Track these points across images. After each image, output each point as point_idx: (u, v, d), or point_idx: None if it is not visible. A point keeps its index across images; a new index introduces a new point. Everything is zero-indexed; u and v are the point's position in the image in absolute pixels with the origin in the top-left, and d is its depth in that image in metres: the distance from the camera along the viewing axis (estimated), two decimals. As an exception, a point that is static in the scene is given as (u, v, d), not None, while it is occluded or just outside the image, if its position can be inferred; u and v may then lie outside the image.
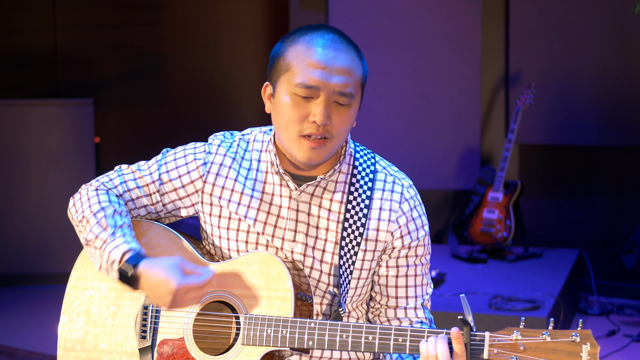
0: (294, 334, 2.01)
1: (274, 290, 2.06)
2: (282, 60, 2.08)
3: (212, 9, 6.69)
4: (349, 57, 2.06)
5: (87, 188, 2.21)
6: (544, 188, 5.96)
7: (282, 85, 2.07)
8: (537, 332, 1.86)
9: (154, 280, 2.01)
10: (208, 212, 2.19)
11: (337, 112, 2.05)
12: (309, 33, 2.08)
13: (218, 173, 2.18)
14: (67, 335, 2.21)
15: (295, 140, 2.06)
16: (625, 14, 5.41)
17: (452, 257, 5.50)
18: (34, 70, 6.60)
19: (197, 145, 2.22)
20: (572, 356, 1.83)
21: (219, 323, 2.10)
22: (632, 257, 4.92)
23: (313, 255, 2.15)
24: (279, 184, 2.16)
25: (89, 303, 2.20)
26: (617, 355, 4.60)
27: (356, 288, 2.18)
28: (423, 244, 2.18)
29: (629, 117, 5.60)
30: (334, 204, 2.15)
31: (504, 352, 1.87)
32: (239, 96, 6.79)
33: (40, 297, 5.81)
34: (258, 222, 2.15)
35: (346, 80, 2.04)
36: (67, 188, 6.08)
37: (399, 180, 2.18)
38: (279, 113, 2.08)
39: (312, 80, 2.02)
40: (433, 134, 6.10)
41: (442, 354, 1.93)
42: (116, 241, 2.07)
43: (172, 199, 2.20)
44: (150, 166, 2.22)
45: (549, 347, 1.84)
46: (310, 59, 2.03)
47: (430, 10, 6.05)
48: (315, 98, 2.04)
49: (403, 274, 2.17)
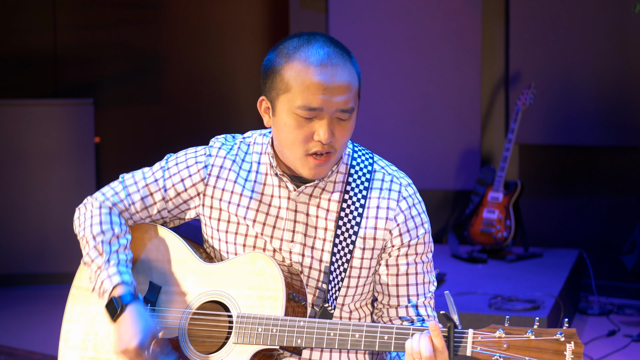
0: (283, 333, 2.02)
1: (266, 290, 2.08)
2: (279, 78, 2.10)
3: (212, 8, 6.69)
4: (346, 72, 2.07)
5: (92, 203, 2.28)
6: (544, 188, 5.96)
7: (282, 105, 2.09)
8: (522, 330, 1.85)
9: (127, 326, 2.09)
10: (208, 215, 2.23)
11: (339, 127, 2.08)
12: (303, 48, 2.08)
13: (218, 175, 2.21)
14: (69, 334, 2.27)
15: (300, 159, 2.09)
16: (625, 14, 5.41)
17: (452, 257, 5.51)
18: (34, 70, 6.60)
19: (198, 149, 2.26)
20: (556, 355, 1.81)
21: (212, 322, 2.13)
22: (632, 257, 4.92)
23: (312, 255, 2.16)
24: (278, 185, 2.18)
25: (89, 302, 2.26)
26: (617, 355, 4.59)
27: (357, 287, 2.18)
28: (423, 242, 2.18)
29: (629, 117, 5.60)
30: (332, 203, 2.17)
31: (487, 349, 1.85)
32: (239, 95, 6.79)
33: (40, 297, 5.81)
34: (257, 223, 2.18)
35: (346, 97, 2.07)
36: (67, 188, 6.09)
37: (397, 179, 2.19)
38: (282, 132, 2.10)
39: (314, 102, 2.05)
40: (433, 134, 6.10)
41: (425, 349, 1.92)
42: (109, 270, 2.15)
43: (176, 204, 2.25)
44: (154, 172, 2.26)
45: (532, 345, 1.82)
46: (310, 80, 2.04)
47: (430, 10, 6.05)
48: (318, 118, 2.06)
49: (403, 273, 2.18)
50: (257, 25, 6.73)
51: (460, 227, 5.63)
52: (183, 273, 2.19)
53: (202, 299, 2.15)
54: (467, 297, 4.60)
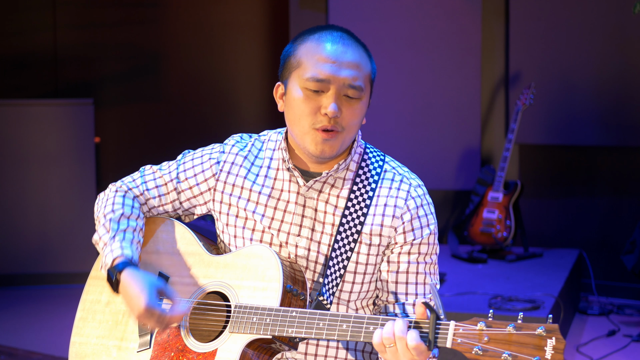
0: (276, 322, 2.04)
1: (263, 281, 2.11)
2: (292, 59, 2.16)
3: (212, 8, 6.69)
4: (357, 53, 2.13)
5: (110, 188, 2.34)
6: (544, 188, 5.96)
7: (293, 81, 2.14)
8: (503, 323, 1.84)
9: (129, 291, 2.11)
10: (219, 210, 2.28)
11: (348, 105, 2.11)
12: (318, 31, 2.16)
13: (229, 171, 2.27)
14: (81, 323, 2.32)
15: (308, 133, 2.12)
16: (625, 14, 5.41)
17: (452, 257, 5.51)
18: (34, 70, 6.61)
19: (214, 146, 2.33)
20: (536, 349, 1.80)
21: (212, 312, 2.16)
22: (632, 257, 4.92)
23: (318, 250, 2.19)
24: (288, 180, 2.22)
25: (103, 290, 2.31)
26: (617, 355, 4.60)
27: (362, 283, 2.20)
28: (427, 243, 2.19)
29: (629, 117, 5.60)
30: (340, 200, 2.19)
31: (468, 342, 1.85)
32: (239, 94, 6.80)
33: (40, 297, 5.81)
34: (265, 217, 2.21)
35: (355, 73, 2.11)
36: (67, 188, 6.09)
37: (407, 179, 2.22)
38: (291, 108, 2.15)
39: (322, 73, 2.09)
40: (433, 134, 6.10)
41: (400, 330, 1.91)
42: (113, 245, 2.18)
43: (188, 197, 2.31)
44: (170, 165, 2.34)
45: (513, 339, 1.82)
46: (320, 54, 2.11)
47: (430, 10, 6.05)
48: (325, 91, 2.10)
49: (404, 271, 2.18)
50: (257, 25, 6.73)
51: (460, 227, 5.64)
52: (191, 264, 2.23)
53: (206, 289, 2.19)
54: (467, 297, 4.60)
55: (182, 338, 2.16)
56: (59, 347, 4.78)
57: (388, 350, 1.93)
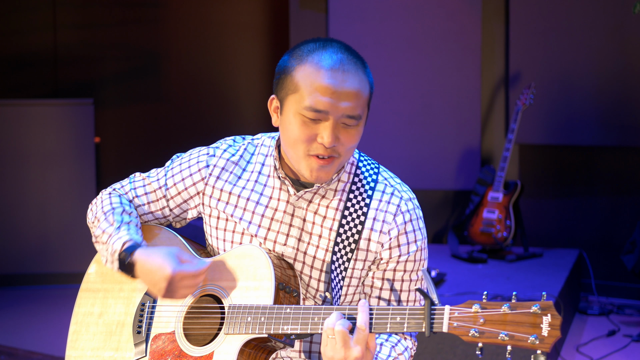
0: (271, 320, 2.04)
1: (256, 281, 2.10)
2: (289, 79, 2.08)
3: (212, 8, 6.69)
4: (357, 79, 2.06)
5: (102, 193, 2.34)
6: (544, 188, 5.96)
7: (290, 105, 2.08)
8: (498, 304, 1.85)
9: (149, 266, 2.09)
10: (208, 213, 2.27)
11: (345, 132, 2.07)
12: (317, 52, 2.07)
13: (219, 176, 2.25)
14: (76, 331, 2.31)
15: (303, 159, 2.08)
16: (625, 14, 5.41)
17: (452, 257, 5.51)
18: (34, 70, 6.61)
19: (202, 149, 2.30)
20: (532, 327, 1.81)
21: (206, 315, 2.16)
22: (632, 257, 4.92)
23: (303, 260, 2.18)
24: (279, 188, 2.20)
25: (95, 302, 2.31)
26: (617, 355, 4.60)
27: (346, 295, 2.19)
28: (414, 260, 2.16)
29: (629, 117, 5.60)
30: (330, 211, 2.17)
31: (464, 324, 1.85)
32: (239, 95, 6.80)
33: (40, 297, 5.81)
34: (252, 224, 2.20)
35: (354, 104, 2.05)
36: (67, 188, 6.09)
37: (398, 193, 2.18)
38: (287, 131, 2.10)
39: (320, 105, 2.03)
40: (433, 134, 6.10)
41: (339, 324, 1.93)
42: (120, 234, 2.17)
43: (178, 202, 2.30)
44: (158, 172, 2.33)
45: (508, 319, 1.82)
46: (319, 82, 2.04)
47: (430, 10, 6.05)
48: (323, 121, 2.05)
49: (388, 288, 2.17)
50: (257, 25, 6.73)
51: (460, 227, 5.64)
52: None
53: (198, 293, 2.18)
54: (467, 297, 4.60)
55: (177, 344, 2.15)
56: (59, 347, 4.78)
57: (329, 341, 1.95)
